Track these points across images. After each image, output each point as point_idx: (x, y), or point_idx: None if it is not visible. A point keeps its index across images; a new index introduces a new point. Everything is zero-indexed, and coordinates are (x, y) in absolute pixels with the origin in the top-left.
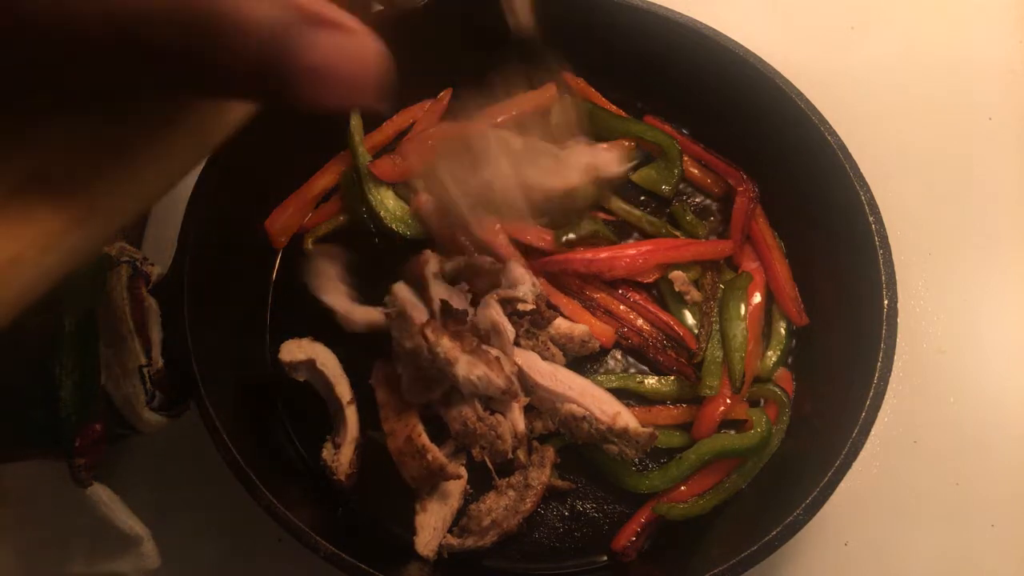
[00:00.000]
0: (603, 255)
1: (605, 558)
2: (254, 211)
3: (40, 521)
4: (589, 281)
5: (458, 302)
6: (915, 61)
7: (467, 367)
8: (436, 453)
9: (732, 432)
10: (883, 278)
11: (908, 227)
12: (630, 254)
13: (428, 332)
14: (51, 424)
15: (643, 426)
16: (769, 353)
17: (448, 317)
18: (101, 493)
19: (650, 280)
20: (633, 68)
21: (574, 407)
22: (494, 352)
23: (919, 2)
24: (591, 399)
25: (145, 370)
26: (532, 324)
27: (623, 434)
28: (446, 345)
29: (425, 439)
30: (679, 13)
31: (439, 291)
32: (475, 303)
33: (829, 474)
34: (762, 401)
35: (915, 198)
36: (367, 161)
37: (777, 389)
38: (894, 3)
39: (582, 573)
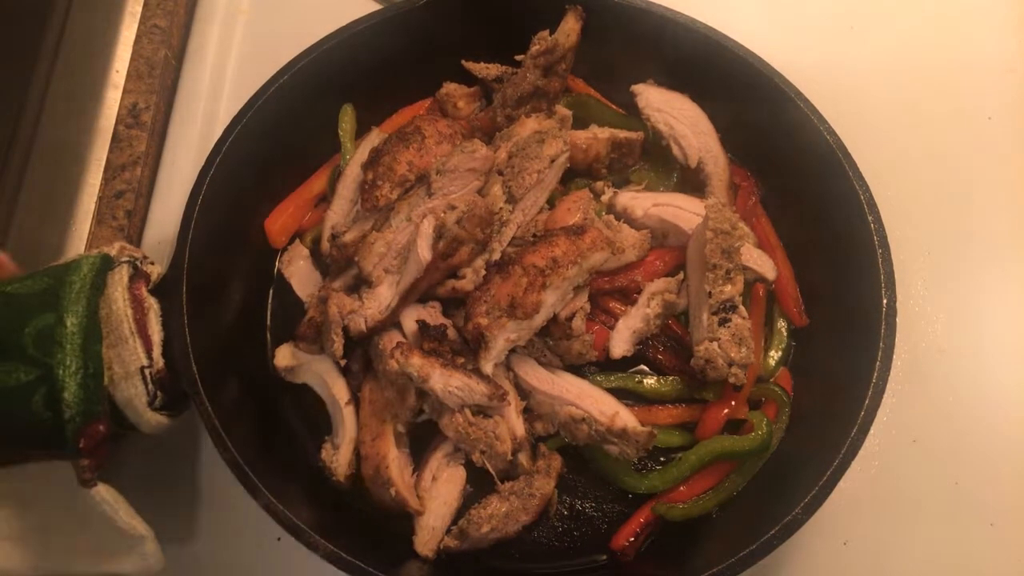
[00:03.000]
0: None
1: (604, 557)
2: (254, 211)
3: (45, 522)
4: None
5: (433, 319)
6: (915, 61)
7: (442, 380)
8: (400, 487)
9: (733, 434)
10: (883, 278)
11: (908, 227)
12: (650, 261)
13: (398, 354)
14: (56, 426)
15: (642, 425)
16: (771, 353)
17: (425, 336)
18: (105, 493)
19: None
20: (633, 67)
21: (573, 409)
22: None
23: (919, 2)
24: (590, 400)
25: (146, 371)
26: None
27: (622, 434)
28: (416, 363)
29: (393, 471)
30: (679, 13)
31: (411, 312)
32: (456, 303)
33: (828, 473)
34: (762, 401)
35: (915, 198)
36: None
37: (777, 388)
38: (894, 3)
39: (582, 572)
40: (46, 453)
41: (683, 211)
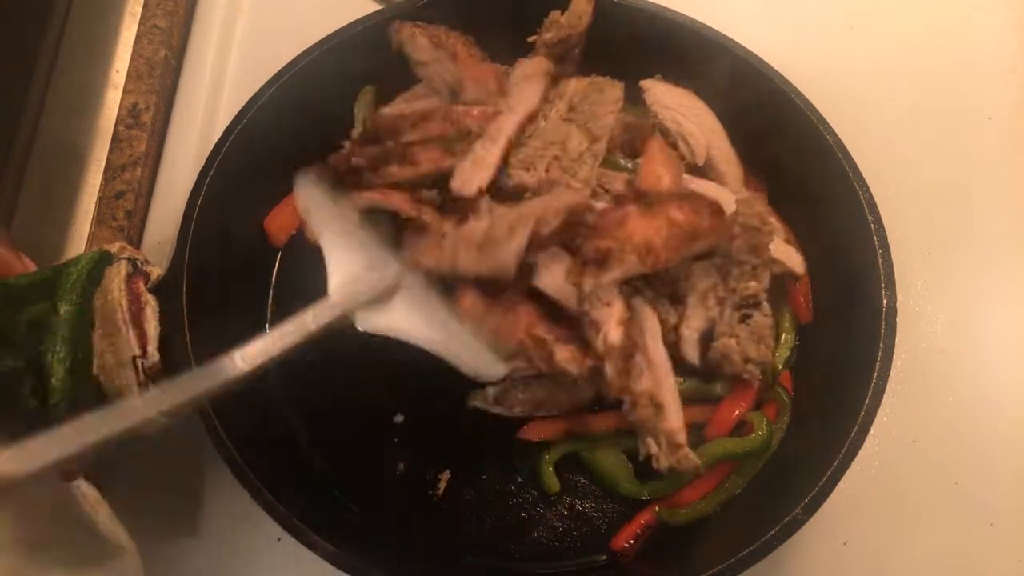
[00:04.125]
0: None
1: (604, 557)
2: (254, 211)
3: (20, 529)
4: None
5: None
6: (915, 61)
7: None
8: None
9: (733, 435)
10: (883, 278)
11: (908, 227)
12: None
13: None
14: (42, 415)
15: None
16: (779, 353)
17: None
18: (87, 490)
19: None
20: (632, 67)
21: (654, 388)
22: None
23: (919, 2)
24: (671, 397)
25: (139, 361)
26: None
27: (675, 447)
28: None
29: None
30: (678, 12)
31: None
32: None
33: (828, 473)
34: (762, 401)
35: (915, 198)
36: None
37: (777, 388)
38: (894, 3)
39: (581, 572)
40: None
41: None
